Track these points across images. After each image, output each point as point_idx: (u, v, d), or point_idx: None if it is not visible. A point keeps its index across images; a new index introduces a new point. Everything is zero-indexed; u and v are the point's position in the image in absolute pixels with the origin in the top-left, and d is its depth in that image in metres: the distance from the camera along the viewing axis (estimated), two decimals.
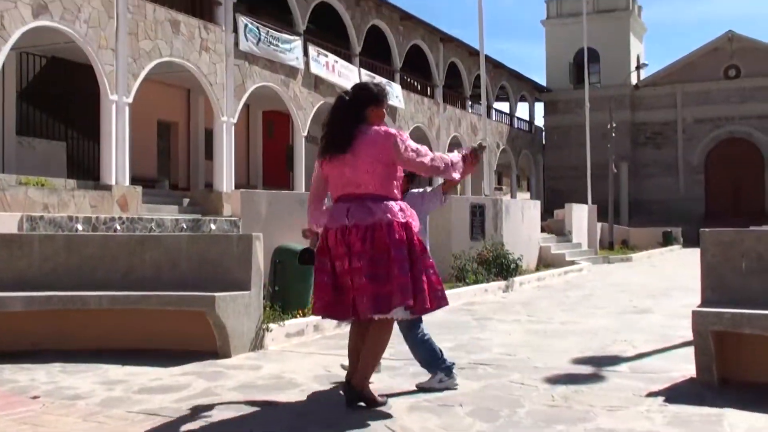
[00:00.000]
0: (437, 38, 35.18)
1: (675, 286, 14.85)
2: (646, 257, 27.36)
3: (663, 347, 7.44)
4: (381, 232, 4.69)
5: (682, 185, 46.26)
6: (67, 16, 17.05)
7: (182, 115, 25.49)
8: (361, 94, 4.95)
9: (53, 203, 15.92)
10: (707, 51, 46.23)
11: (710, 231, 6.02)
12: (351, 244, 4.73)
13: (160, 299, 6.79)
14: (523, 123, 47.32)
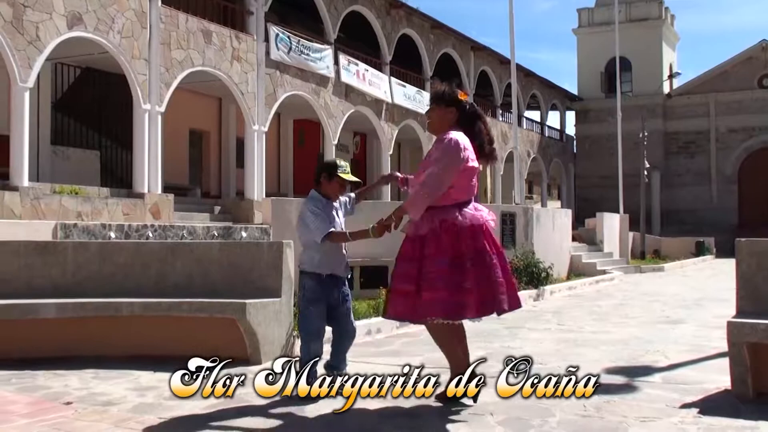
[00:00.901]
0: (468, 47, 35.16)
1: (708, 297, 14.68)
2: (679, 267, 27.09)
3: (696, 358, 7.35)
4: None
5: (715, 195, 45.78)
6: (101, 26, 17.25)
7: (214, 123, 25.66)
8: None
9: (87, 211, 16.09)
10: (741, 60, 45.78)
11: (746, 241, 5.94)
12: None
13: (192, 306, 6.82)
14: (554, 132, 47.11)
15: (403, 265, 5.11)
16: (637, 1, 47.73)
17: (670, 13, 49.77)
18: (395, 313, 5.18)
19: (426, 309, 4.90)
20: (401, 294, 5.06)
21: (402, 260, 5.14)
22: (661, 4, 48.24)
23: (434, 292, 4.88)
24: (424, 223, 5.04)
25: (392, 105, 28.64)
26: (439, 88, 5.33)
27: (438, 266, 4.91)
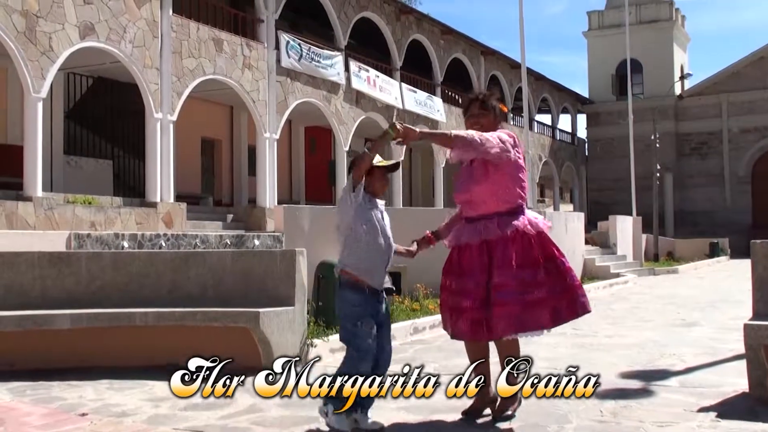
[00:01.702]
0: (478, 51, 35.15)
1: (723, 298, 14.59)
2: (693, 269, 26.97)
3: (713, 361, 7.30)
4: None
5: (728, 196, 45.58)
6: (113, 36, 17.32)
7: (225, 132, 25.73)
8: None
9: (100, 221, 16.14)
10: (753, 60, 45.60)
11: (762, 243, 5.89)
12: None
13: (205, 315, 6.82)
14: (565, 135, 47.01)
15: (465, 279, 4.86)
16: (647, 3, 47.62)
17: (680, 14, 49.64)
18: (462, 333, 4.91)
19: (499, 325, 4.70)
20: (465, 311, 4.82)
21: (463, 273, 4.88)
22: (671, 5, 48.12)
23: (506, 307, 4.69)
24: (491, 229, 4.83)
25: (403, 110, 28.64)
26: (492, 98, 5.12)
27: (509, 278, 4.71)
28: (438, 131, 4.96)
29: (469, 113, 5.11)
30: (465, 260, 4.90)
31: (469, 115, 5.12)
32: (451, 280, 4.95)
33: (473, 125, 5.03)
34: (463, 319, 4.83)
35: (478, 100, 5.10)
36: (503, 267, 4.74)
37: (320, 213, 12.63)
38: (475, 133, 4.80)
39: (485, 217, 4.88)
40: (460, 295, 4.85)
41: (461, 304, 4.83)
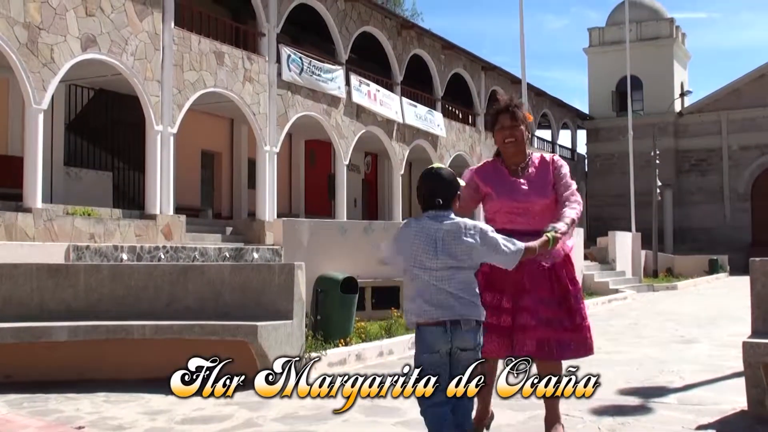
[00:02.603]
0: (479, 67, 35.23)
1: (722, 315, 14.58)
2: (692, 285, 26.95)
3: (712, 378, 7.29)
4: None
5: (728, 213, 45.59)
6: (114, 48, 17.37)
7: (225, 144, 25.76)
8: None
9: (99, 233, 16.13)
10: (753, 78, 45.71)
11: (761, 260, 5.89)
12: None
13: (203, 329, 6.81)
14: (565, 151, 47.04)
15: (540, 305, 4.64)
16: (647, 20, 47.77)
17: (681, 32, 49.78)
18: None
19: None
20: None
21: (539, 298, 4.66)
22: (672, 22, 48.27)
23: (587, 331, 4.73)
24: (559, 251, 4.68)
25: (403, 125, 28.68)
26: (522, 109, 4.93)
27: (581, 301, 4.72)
28: (571, 221, 4.54)
29: (500, 125, 4.84)
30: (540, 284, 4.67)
31: (499, 127, 4.85)
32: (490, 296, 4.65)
33: (507, 137, 4.80)
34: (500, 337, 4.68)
35: (508, 112, 4.84)
36: (572, 290, 4.70)
37: (319, 226, 12.63)
38: (574, 197, 4.73)
39: (536, 233, 4.50)
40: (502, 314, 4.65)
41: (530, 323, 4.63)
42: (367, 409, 5.83)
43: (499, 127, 4.84)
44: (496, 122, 4.87)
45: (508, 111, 4.84)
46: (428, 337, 3.90)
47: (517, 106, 4.87)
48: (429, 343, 3.90)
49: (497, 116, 4.88)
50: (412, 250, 3.92)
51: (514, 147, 4.82)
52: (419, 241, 3.92)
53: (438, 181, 4.06)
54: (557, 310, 4.62)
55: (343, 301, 8.62)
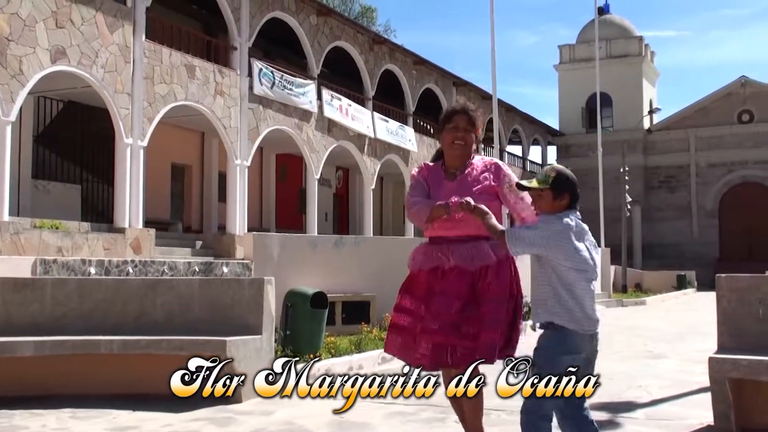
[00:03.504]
0: (450, 82, 35.41)
1: (690, 331, 14.70)
2: (660, 301, 27.16)
3: (679, 393, 7.34)
4: None
5: (696, 229, 46.10)
6: (84, 61, 17.26)
7: (196, 158, 25.65)
8: None
9: (67, 246, 15.98)
10: (720, 96, 46.36)
11: (726, 276, 5.96)
12: None
13: (171, 344, 6.75)
14: (536, 166, 47.32)
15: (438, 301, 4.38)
16: (617, 38, 48.32)
17: (650, 50, 50.41)
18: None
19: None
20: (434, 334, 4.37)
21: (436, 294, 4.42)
22: (641, 41, 48.87)
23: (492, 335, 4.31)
24: (484, 253, 4.39)
25: (375, 140, 28.74)
26: (480, 116, 4.64)
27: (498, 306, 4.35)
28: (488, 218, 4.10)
29: (453, 124, 4.47)
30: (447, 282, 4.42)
31: (453, 126, 4.47)
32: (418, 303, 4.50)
33: (458, 139, 4.46)
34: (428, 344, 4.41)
35: (465, 114, 4.51)
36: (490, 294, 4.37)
37: (290, 241, 12.59)
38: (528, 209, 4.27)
39: (473, 238, 4.37)
40: (436, 319, 4.39)
41: (430, 327, 4.38)
42: (336, 426, 5.81)
43: (453, 126, 4.47)
44: (449, 121, 4.49)
45: (466, 113, 4.52)
46: (576, 339, 3.81)
47: (477, 111, 4.60)
48: (576, 344, 3.82)
49: (452, 115, 4.51)
50: (578, 249, 3.78)
51: (461, 150, 4.48)
52: (582, 243, 3.81)
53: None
54: (466, 315, 4.31)
55: (313, 316, 8.59)
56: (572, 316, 3.76)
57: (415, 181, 4.52)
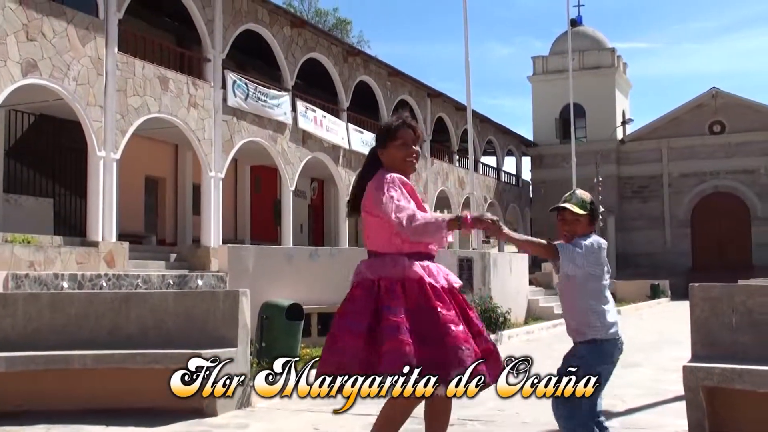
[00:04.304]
0: (425, 93, 35.51)
1: (664, 339, 14.80)
2: (634, 310, 27.32)
3: (654, 402, 7.38)
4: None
5: (669, 238, 46.46)
6: (56, 73, 17.14)
7: (170, 170, 25.51)
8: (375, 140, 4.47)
9: (39, 260, 15.81)
10: (692, 107, 46.83)
11: (699, 286, 6.01)
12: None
13: (145, 357, 6.70)
14: (510, 177, 47.57)
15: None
16: (590, 50, 48.71)
17: (622, 62, 50.86)
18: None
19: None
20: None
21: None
22: (613, 52, 49.29)
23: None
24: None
25: (349, 151, 28.74)
26: (418, 129, 4.47)
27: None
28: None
29: (402, 140, 4.31)
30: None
31: (402, 142, 4.31)
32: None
33: (411, 156, 4.33)
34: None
35: (411, 128, 4.35)
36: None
37: (265, 253, 12.56)
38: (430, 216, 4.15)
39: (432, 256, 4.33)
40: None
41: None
42: None
43: (402, 142, 4.30)
44: (396, 137, 4.31)
45: (412, 128, 4.36)
46: (610, 348, 4.24)
47: (416, 125, 4.44)
48: (611, 353, 4.26)
49: (398, 130, 4.33)
50: (605, 263, 4.21)
51: (413, 168, 4.39)
52: (600, 256, 4.21)
53: None
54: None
55: (289, 328, 8.57)
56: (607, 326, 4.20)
57: (400, 189, 4.20)
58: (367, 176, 4.35)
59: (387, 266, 4.13)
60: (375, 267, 4.17)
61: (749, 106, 45.27)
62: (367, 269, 4.20)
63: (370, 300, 4.09)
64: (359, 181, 4.42)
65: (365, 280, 4.16)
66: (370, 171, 4.35)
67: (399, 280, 4.09)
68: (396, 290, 4.09)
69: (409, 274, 4.08)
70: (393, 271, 4.10)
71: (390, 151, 4.31)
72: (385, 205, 4.08)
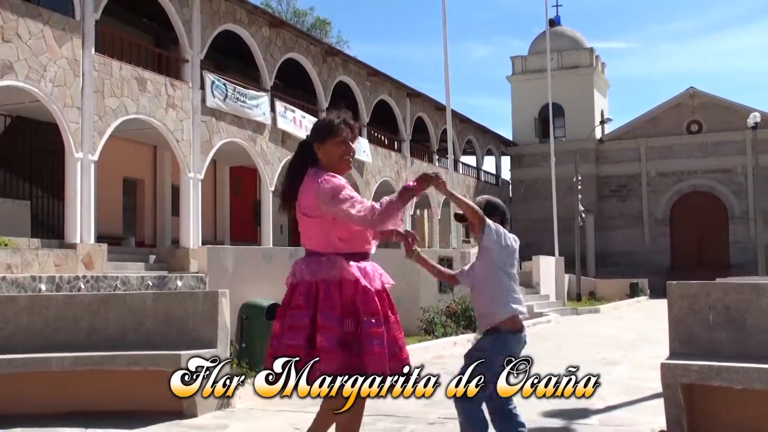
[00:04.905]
0: (404, 93, 35.54)
1: (643, 338, 14.88)
2: (614, 309, 27.46)
3: (633, 399, 7.42)
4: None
5: (648, 237, 46.72)
6: (32, 75, 17.01)
7: (148, 171, 25.39)
8: (310, 133, 4.42)
9: (16, 263, 15.69)
10: (670, 106, 47.12)
11: (677, 284, 6.05)
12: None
13: (125, 359, 6.67)
14: (489, 176, 47.68)
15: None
16: (568, 50, 48.90)
17: (600, 61, 51.09)
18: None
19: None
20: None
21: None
22: (591, 52, 49.52)
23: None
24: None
25: None
26: (355, 126, 4.48)
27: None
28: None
29: (340, 138, 4.30)
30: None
31: (340, 140, 4.29)
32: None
33: (347, 153, 4.33)
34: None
35: (348, 125, 4.35)
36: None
37: (245, 253, 12.52)
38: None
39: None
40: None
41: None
42: None
43: (340, 140, 4.27)
44: (337, 134, 4.28)
45: (348, 125, 4.34)
46: (513, 341, 4.54)
47: (354, 122, 4.45)
48: (512, 346, 4.55)
49: (340, 127, 4.30)
50: (511, 251, 4.48)
51: (349, 166, 4.39)
52: (513, 245, 4.51)
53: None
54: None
55: (269, 328, 8.54)
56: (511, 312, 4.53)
57: (345, 183, 4.18)
58: (298, 170, 4.32)
59: (324, 268, 4.14)
60: (313, 268, 4.17)
61: (726, 106, 45.60)
62: (305, 270, 4.19)
63: (310, 303, 4.13)
64: (292, 175, 4.37)
65: (303, 282, 4.17)
66: (301, 165, 4.32)
67: (337, 281, 4.12)
68: (333, 293, 4.12)
69: (345, 275, 4.11)
70: (331, 273, 4.12)
71: (328, 147, 4.26)
72: (341, 205, 4.06)
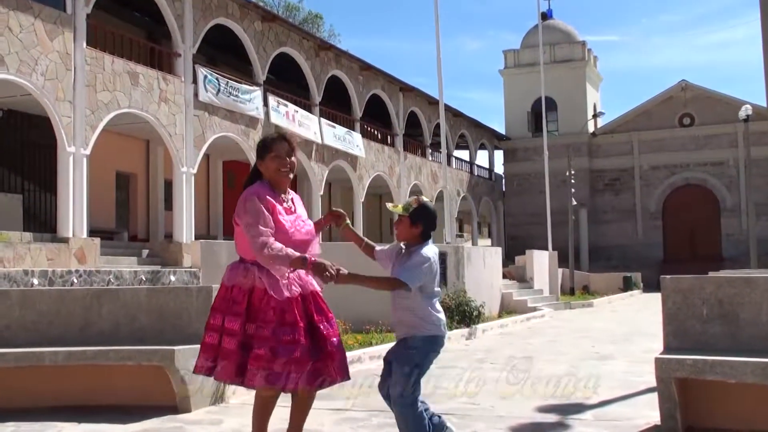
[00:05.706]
0: (397, 88, 35.49)
1: (637, 332, 14.90)
2: (607, 302, 27.50)
3: (627, 394, 7.42)
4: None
5: (641, 230, 46.79)
6: (23, 68, 16.94)
7: (141, 166, 25.33)
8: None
9: (9, 257, 15.65)
10: (662, 100, 47.15)
11: (671, 278, 6.05)
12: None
13: (118, 354, 6.65)
14: (483, 170, 47.69)
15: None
16: (561, 43, 48.89)
17: (593, 55, 51.08)
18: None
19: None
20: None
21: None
22: (584, 45, 49.51)
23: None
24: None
25: (322, 145, 28.68)
26: (297, 147, 4.74)
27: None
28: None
29: (275, 153, 4.60)
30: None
31: (275, 155, 4.59)
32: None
33: (283, 168, 4.60)
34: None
35: (285, 140, 4.65)
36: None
37: None
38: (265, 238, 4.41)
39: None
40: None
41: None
42: None
43: (275, 155, 4.56)
44: (270, 150, 4.58)
45: (286, 140, 4.64)
46: (440, 344, 4.44)
47: (293, 138, 4.71)
48: (438, 350, 4.46)
49: (273, 143, 4.61)
50: (437, 272, 4.49)
51: (287, 178, 4.65)
52: (437, 265, 4.49)
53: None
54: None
55: None
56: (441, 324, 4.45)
57: (261, 210, 4.45)
58: (248, 185, 4.69)
59: (239, 275, 4.50)
60: (231, 274, 4.55)
61: (718, 99, 45.65)
62: (226, 274, 4.59)
63: (223, 306, 4.51)
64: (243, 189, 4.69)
65: (222, 285, 4.58)
66: (251, 181, 4.67)
67: (248, 289, 4.45)
68: (240, 300, 4.45)
69: (257, 284, 4.43)
70: (244, 281, 4.46)
71: (266, 163, 4.61)
72: (247, 225, 4.44)
